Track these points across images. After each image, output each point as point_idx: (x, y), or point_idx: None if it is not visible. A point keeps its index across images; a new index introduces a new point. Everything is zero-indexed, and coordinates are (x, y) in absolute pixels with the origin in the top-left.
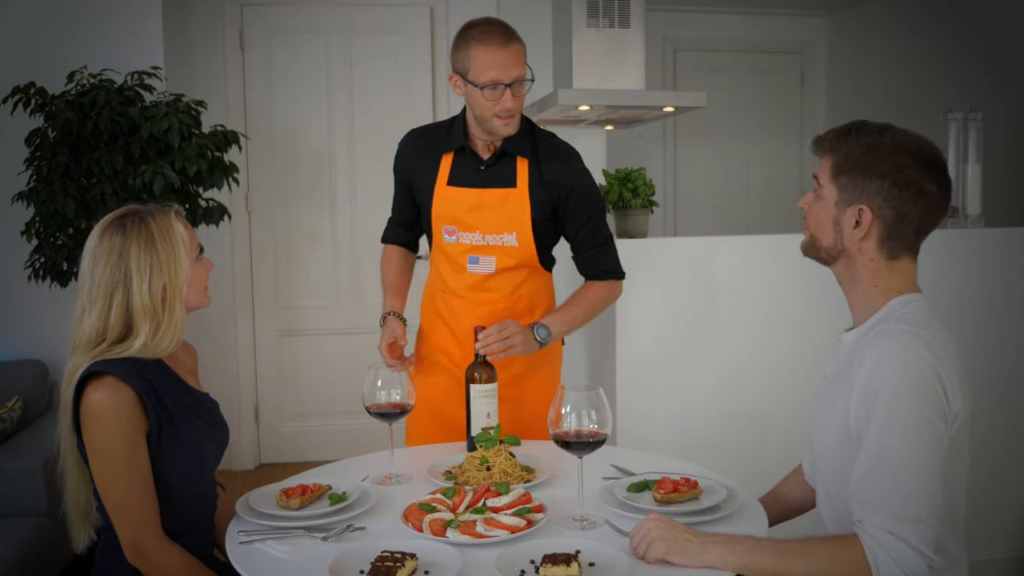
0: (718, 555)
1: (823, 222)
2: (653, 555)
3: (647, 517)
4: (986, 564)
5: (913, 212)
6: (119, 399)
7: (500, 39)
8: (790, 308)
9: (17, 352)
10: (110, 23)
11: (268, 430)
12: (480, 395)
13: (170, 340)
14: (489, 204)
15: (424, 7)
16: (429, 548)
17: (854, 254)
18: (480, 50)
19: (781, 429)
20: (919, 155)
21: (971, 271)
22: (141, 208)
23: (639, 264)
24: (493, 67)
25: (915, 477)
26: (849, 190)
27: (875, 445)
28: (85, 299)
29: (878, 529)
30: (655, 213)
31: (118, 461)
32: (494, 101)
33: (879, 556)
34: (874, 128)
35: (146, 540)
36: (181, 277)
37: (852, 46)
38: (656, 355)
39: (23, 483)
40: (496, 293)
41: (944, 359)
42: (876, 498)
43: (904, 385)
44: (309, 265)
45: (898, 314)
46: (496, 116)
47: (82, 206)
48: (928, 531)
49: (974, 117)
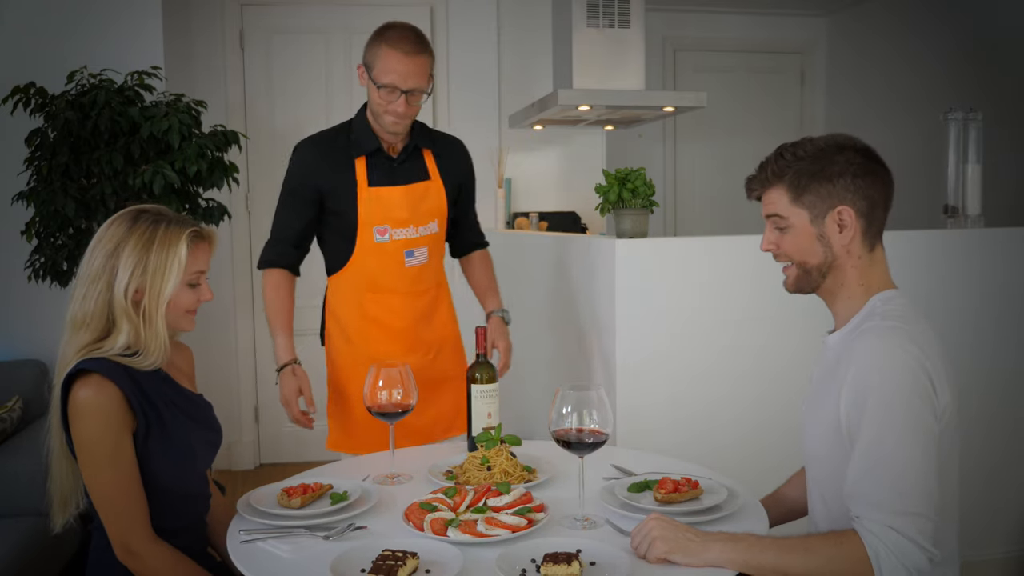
0: (719, 553)
1: (805, 245)
2: (654, 554)
3: (648, 517)
4: (986, 564)
5: (878, 194)
6: (104, 396)
7: (409, 47)
8: (791, 308)
9: (17, 352)
10: (110, 23)
11: (268, 430)
12: (480, 395)
13: (155, 351)
14: (416, 197)
15: (424, 7)
16: (430, 547)
17: (843, 260)
18: (388, 52)
19: (782, 429)
20: (855, 146)
21: (971, 271)
22: (164, 212)
23: (639, 264)
24: (393, 72)
25: (912, 472)
26: (818, 202)
27: (870, 443)
28: (79, 279)
29: (878, 525)
30: (655, 213)
31: (103, 457)
32: (387, 102)
33: (880, 551)
34: (798, 144)
35: (134, 539)
36: (158, 291)
37: (853, 46)
38: (656, 355)
39: (23, 483)
40: (427, 281)
41: (930, 353)
42: (874, 495)
43: (894, 382)
44: (309, 265)
45: (881, 311)
46: (387, 113)
47: (82, 206)
48: (927, 525)
49: (974, 117)
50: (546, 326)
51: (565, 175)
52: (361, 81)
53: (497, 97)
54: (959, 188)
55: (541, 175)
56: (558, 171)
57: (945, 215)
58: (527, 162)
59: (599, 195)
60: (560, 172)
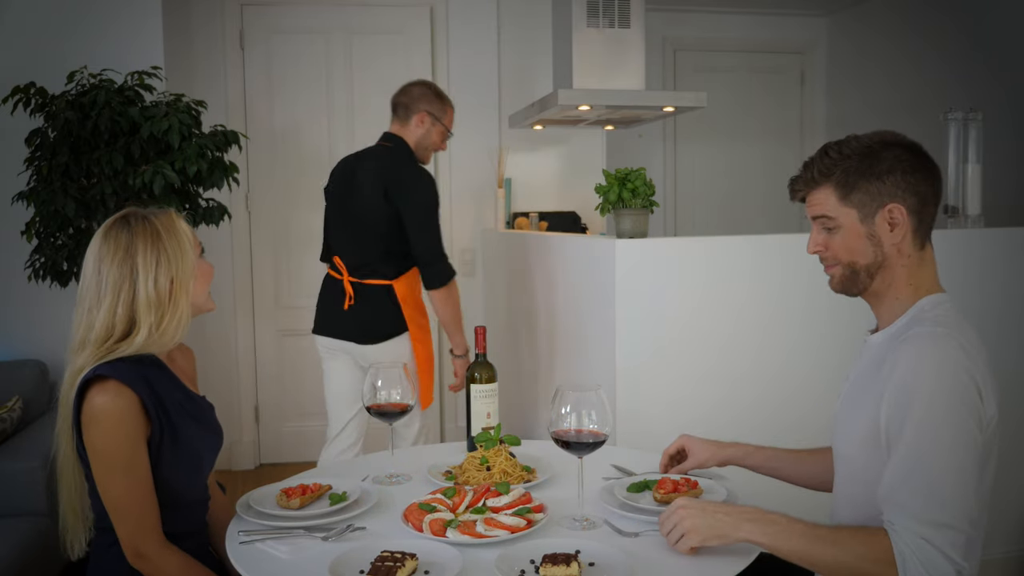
0: (750, 533)
1: (855, 246)
2: (686, 546)
3: (676, 504)
4: (986, 564)
5: (928, 190)
6: (122, 403)
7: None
8: (791, 308)
9: (17, 352)
10: (110, 23)
11: (268, 430)
12: (480, 395)
13: (172, 334)
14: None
15: (424, 7)
16: (429, 548)
17: (893, 259)
18: (450, 110)
19: (783, 430)
20: (902, 142)
21: (971, 271)
22: (141, 209)
23: (639, 264)
24: (452, 124)
25: (951, 483)
26: (868, 201)
27: (910, 449)
28: (92, 298)
29: (911, 534)
30: (655, 213)
31: (119, 464)
32: (443, 140)
33: (908, 558)
34: (844, 142)
35: (145, 543)
36: (188, 270)
37: (853, 46)
38: (656, 355)
39: (23, 483)
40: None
41: (978, 362)
42: (909, 503)
43: (942, 389)
44: (309, 265)
45: (931, 316)
46: (438, 149)
47: (82, 206)
48: (960, 537)
49: (974, 117)
50: (546, 326)
51: (565, 175)
52: (422, 125)
53: (497, 97)
54: (959, 188)
55: (541, 175)
56: (558, 171)
57: (945, 215)
58: (527, 162)
59: (599, 195)
60: (560, 172)
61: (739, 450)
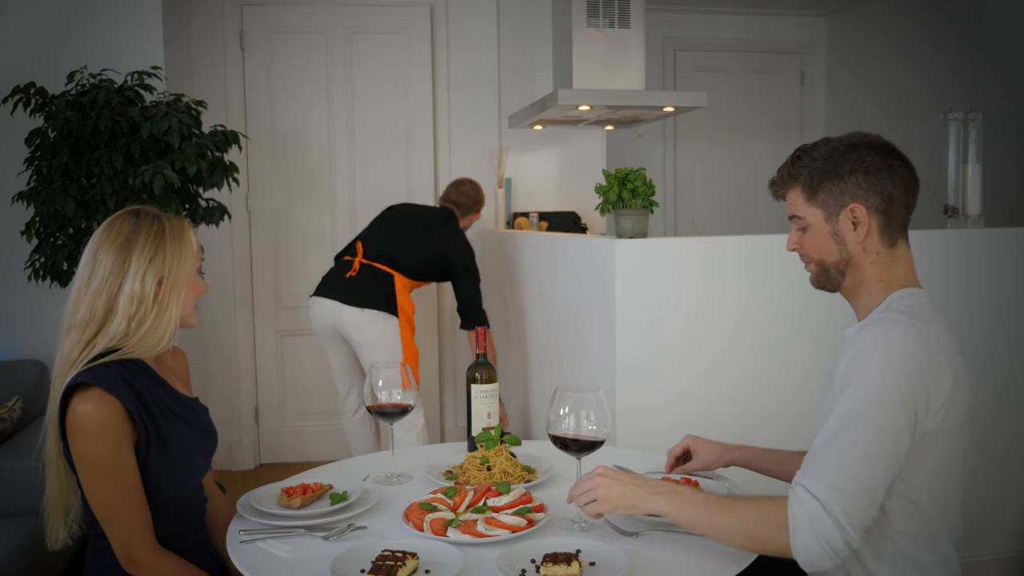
0: (656, 505)
1: (822, 244)
2: (591, 512)
3: (596, 472)
4: (986, 564)
5: (895, 189)
6: (105, 410)
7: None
8: (791, 308)
9: (17, 352)
10: (110, 23)
11: (268, 430)
12: (480, 395)
13: (158, 339)
14: None
15: (424, 7)
16: (430, 547)
17: (860, 257)
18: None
19: (782, 429)
20: (870, 144)
21: (971, 271)
22: (156, 209)
23: (639, 264)
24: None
25: (862, 455)
26: (831, 201)
27: (837, 420)
28: (83, 280)
29: (807, 493)
30: (655, 213)
31: (104, 471)
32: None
33: (798, 520)
34: (816, 144)
35: (136, 549)
36: (181, 278)
37: (852, 46)
38: (656, 355)
39: (23, 483)
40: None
41: (935, 352)
42: (819, 464)
43: (882, 371)
44: (309, 265)
45: (896, 306)
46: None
47: (82, 206)
48: (857, 510)
49: (974, 117)
50: (546, 326)
51: (565, 175)
52: (475, 218)
53: (497, 97)
54: (959, 188)
55: (541, 175)
56: (558, 171)
57: (945, 215)
58: (527, 162)
59: (599, 195)
60: (560, 172)
61: (746, 452)
